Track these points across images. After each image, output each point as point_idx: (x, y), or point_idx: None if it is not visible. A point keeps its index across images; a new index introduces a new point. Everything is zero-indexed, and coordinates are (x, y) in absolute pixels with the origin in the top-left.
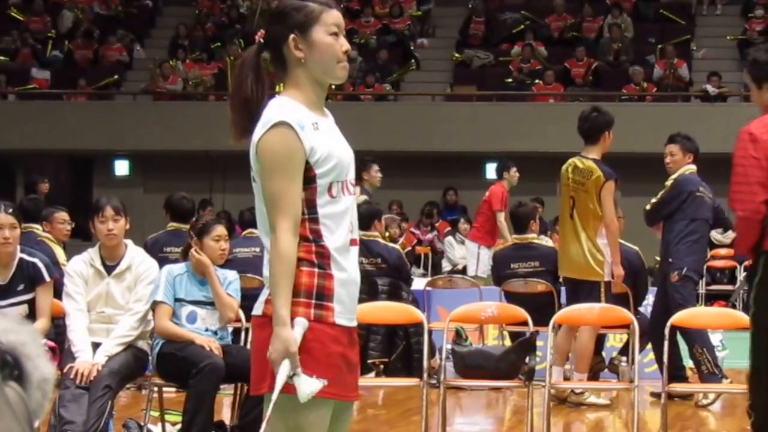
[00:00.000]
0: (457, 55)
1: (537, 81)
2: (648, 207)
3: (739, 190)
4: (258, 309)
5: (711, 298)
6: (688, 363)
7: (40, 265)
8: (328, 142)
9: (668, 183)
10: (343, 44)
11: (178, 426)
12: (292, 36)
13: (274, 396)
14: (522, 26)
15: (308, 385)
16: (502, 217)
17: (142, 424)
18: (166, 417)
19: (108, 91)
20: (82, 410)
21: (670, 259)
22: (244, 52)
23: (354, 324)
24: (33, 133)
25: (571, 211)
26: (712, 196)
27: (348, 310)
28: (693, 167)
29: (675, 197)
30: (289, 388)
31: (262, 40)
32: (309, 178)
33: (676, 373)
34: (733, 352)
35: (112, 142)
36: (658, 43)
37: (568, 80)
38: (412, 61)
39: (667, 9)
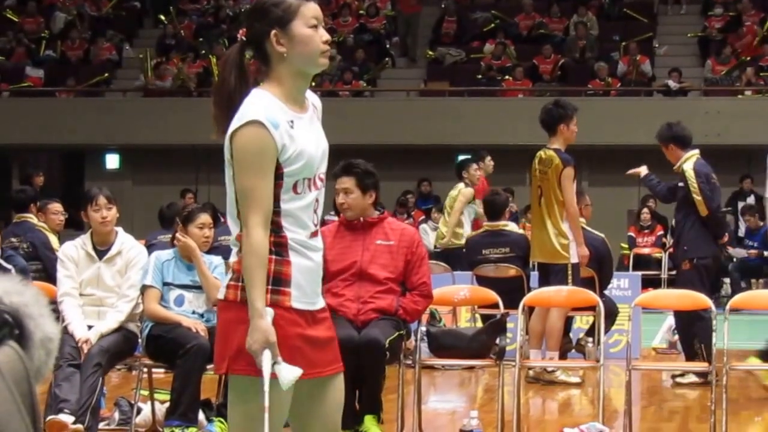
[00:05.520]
0: (430, 52)
1: (507, 77)
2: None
3: None
4: (221, 293)
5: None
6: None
7: None
8: (300, 141)
9: (686, 172)
10: (323, 35)
11: (167, 404)
12: (273, 32)
13: (266, 386)
14: (492, 25)
15: (289, 372)
16: (481, 209)
17: (132, 402)
18: (155, 396)
19: (99, 88)
20: (75, 389)
21: (685, 247)
22: (227, 49)
23: (316, 307)
24: (27, 128)
25: (539, 200)
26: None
27: (306, 294)
28: (694, 152)
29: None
30: (254, 371)
31: (243, 38)
32: (276, 175)
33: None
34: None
35: (103, 137)
36: (621, 41)
37: (536, 76)
38: (387, 58)
39: (631, 8)
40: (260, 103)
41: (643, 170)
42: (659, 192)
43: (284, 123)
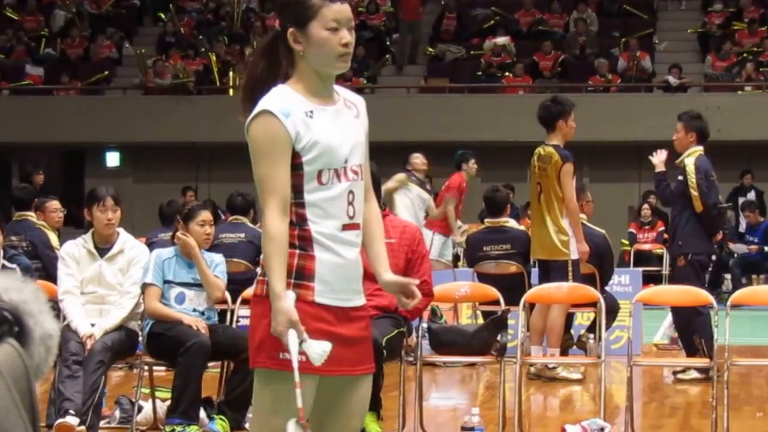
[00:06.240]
0: (430, 49)
1: (507, 73)
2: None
3: None
4: (252, 288)
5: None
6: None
7: None
8: (317, 131)
9: (687, 166)
10: (343, 37)
11: (168, 402)
12: (290, 30)
13: (295, 363)
14: (492, 21)
15: (318, 347)
16: (452, 205)
17: (133, 400)
18: (157, 394)
19: (98, 86)
20: (78, 386)
21: (680, 243)
22: (227, 47)
23: (349, 304)
24: (27, 126)
25: (538, 197)
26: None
27: (335, 290)
28: (700, 149)
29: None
30: (273, 364)
31: (279, 28)
32: (295, 165)
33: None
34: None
35: (103, 134)
36: (621, 37)
37: (537, 73)
38: (388, 56)
39: (630, 4)
40: (275, 96)
41: (660, 163)
42: (662, 192)
43: (299, 112)
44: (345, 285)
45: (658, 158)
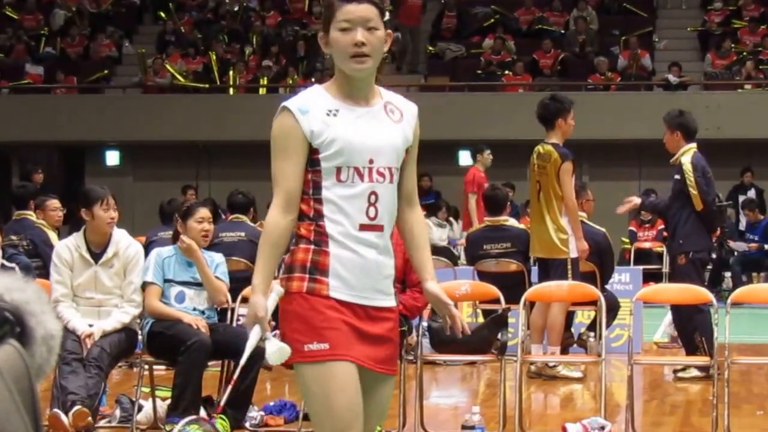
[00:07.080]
0: (430, 47)
1: (507, 72)
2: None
3: None
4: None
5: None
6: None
7: None
8: (337, 129)
9: (683, 165)
10: (354, 37)
11: (168, 401)
12: (320, 34)
13: (243, 360)
14: (492, 19)
15: (271, 345)
16: (473, 201)
17: (133, 399)
18: (157, 393)
19: (98, 84)
20: (82, 381)
21: (680, 241)
22: (227, 45)
23: (369, 303)
24: (27, 125)
25: (537, 195)
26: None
27: (353, 287)
28: (693, 146)
29: (701, 180)
30: (301, 357)
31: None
32: (314, 161)
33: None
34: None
35: (103, 133)
36: (621, 35)
37: (537, 71)
38: (388, 54)
39: (630, 2)
40: (301, 94)
41: (636, 200)
42: (665, 208)
43: (319, 110)
44: (365, 283)
45: (629, 203)
